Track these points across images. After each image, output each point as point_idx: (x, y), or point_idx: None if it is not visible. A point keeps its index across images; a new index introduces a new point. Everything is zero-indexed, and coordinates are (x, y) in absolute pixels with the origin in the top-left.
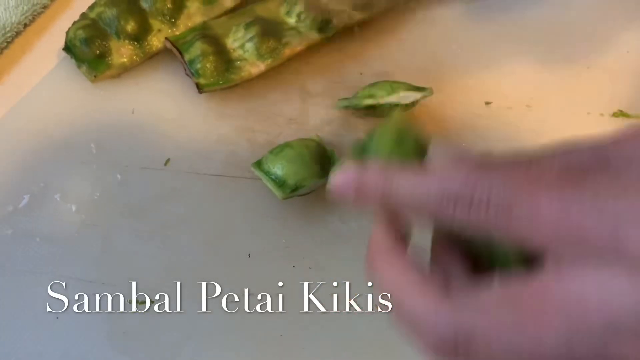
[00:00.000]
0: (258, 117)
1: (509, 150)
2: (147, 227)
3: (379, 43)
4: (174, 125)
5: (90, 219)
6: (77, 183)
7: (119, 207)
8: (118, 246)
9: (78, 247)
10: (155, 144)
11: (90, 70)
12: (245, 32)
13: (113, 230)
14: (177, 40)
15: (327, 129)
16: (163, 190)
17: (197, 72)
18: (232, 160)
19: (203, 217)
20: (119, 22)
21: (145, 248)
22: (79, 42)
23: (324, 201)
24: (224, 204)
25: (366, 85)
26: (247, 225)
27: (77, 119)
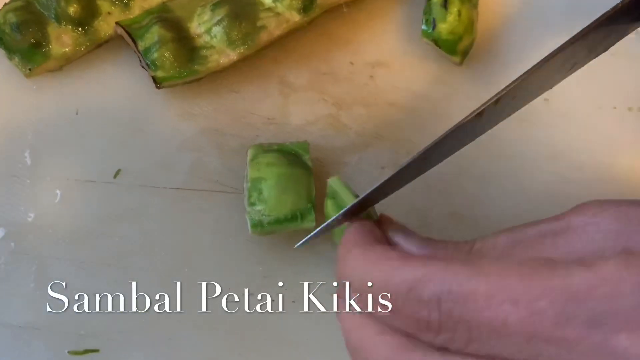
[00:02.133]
0: (229, 117)
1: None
2: (93, 256)
3: (372, 26)
4: (127, 129)
5: (22, 247)
6: (7, 202)
7: (58, 232)
8: (57, 281)
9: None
10: (104, 152)
11: (24, 63)
12: (213, 14)
13: (50, 261)
14: (130, 25)
15: (312, 130)
16: (113, 209)
17: (153, 63)
18: (198, 170)
19: (163, 241)
20: (59, 3)
21: (90, 283)
22: (9, 28)
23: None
24: (188, 223)
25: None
26: (216, 250)
27: (8, 122)
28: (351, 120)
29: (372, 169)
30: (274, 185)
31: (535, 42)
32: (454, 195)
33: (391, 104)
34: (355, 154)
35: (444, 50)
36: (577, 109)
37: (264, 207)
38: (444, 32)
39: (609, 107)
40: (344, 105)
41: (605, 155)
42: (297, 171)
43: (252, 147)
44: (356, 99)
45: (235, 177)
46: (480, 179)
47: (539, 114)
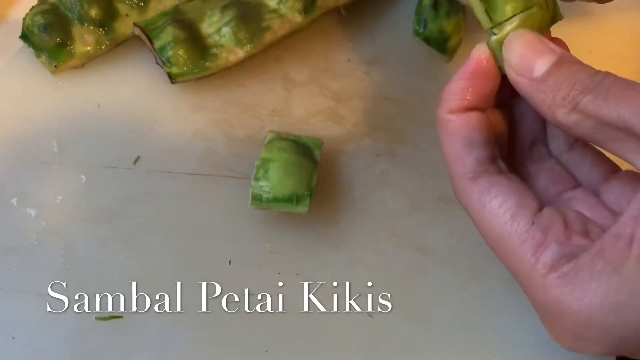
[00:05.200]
0: (237, 110)
1: None
2: (115, 233)
3: (368, 26)
4: (144, 120)
5: (52, 225)
6: (37, 186)
7: (83, 212)
8: (83, 256)
9: (38, 257)
10: (124, 141)
11: (51, 60)
12: (222, 16)
13: (77, 238)
14: (146, 25)
15: (313, 121)
16: (132, 192)
17: (168, 60)
18: (209, 158)
19: (177, 220)
20: (82, 6)
21: (112, 257)
22: (37, 29)
23: (312, 201)
24: (200, 205)
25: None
26: (227, 229)
27: (36, 114)
28: (348, 112)
29: (368, 156)
30: (280, 167)
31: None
32: (444, 179)
33: (385, 97)
34: (352, 143)
35: (434, 48)
36: None
37: (266, 184)
38: (434, 31)
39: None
40: (342, 99)
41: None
42: (304, 161)
43: (272, 132)
44: (353, 93)
45: (243, 164)
46: None
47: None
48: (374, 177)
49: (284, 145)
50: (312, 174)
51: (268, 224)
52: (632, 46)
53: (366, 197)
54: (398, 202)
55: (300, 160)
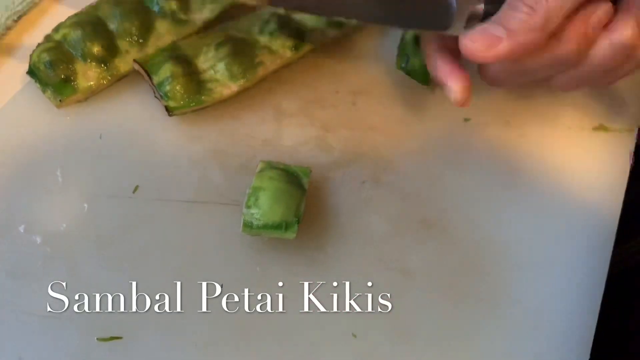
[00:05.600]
0: (231, 139)
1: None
2: (115, 259)
3: (355, 60)
4: (143, 150)
5: (56, 251)
6: (43, 213)
7: (86, 239)
8: (86, 279)
9: (43, 281)
10: (124, 171)
11: (56, 95)
12: (217, 52)
13: (80, 263)
14: (145, 61)
15: (302, 150)
16: (132, 219)
17: (166, 94)
18: (204, 186)
19: (173, 245)
20: (85, 44)
21: (113, 281)
22: (43, 66)
23: (300, 226)
24: (194, 231)
25: None
26: (218, 252)
27: (42, 145)
28: (336, 141)
29: (354, 183)
30: (270, 195)
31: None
32: (425, 204)
33: (371, 127)
34: (339, 170)
35: (416, 80)
36: (535, 130)
37: (257, 211)
38: (416, 65)
39: (563, 128)
40: (330, 128)
41: (560, 170)
42: (293, 189)
43: (263, 161)
44: (341, 123)
45: (236, 191)
46: (448, 190)
47: (500, 134)
48: (360, 203)
49: (274, 174)
50: (301, 201)
51: (259, 248)
52: None
53: (352, 222)
54: (382, 226)
55: (289, 188)
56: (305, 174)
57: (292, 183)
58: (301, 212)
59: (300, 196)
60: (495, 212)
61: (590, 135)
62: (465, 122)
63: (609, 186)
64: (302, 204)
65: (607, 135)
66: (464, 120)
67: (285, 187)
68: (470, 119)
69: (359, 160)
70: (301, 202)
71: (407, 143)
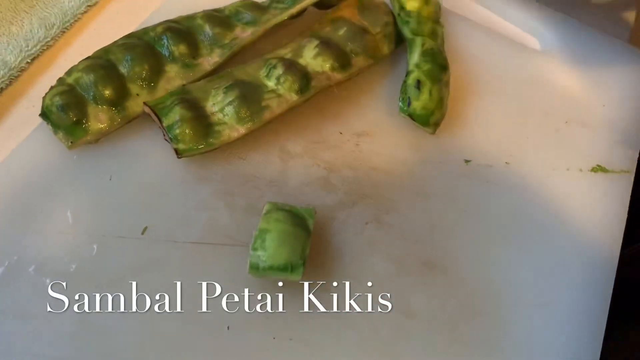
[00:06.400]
0: (237, 180)
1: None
2: (125, 300)
3: (358, 102)
4: (152, 192)
5: (66, 292)
6: (53, 254)
7: (95, 280)
8: (94, 322)
9: (53, 323)
10: (133, 212)
11: (67, 137)
12: (225, 96)
13: (89, 305)
14: (155, 105)
15: (306, 190)
16: (141, 261)
17: (176, 137)
18: (211, 227)
19: (182, 286)
20: (97, 87)
21: (122, 323)
22: (55, 109)
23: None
24: (202, 272)
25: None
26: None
27: (53, 186)
28: (340, 181)
29: (357, 223)
30: (276, 238)
31: (496, 112)
32: (427, 246)
33: (374, 168)
34: (343, 211)
35: (418, 123)
36: (535, 171)
37: (263, 253)
38: (417, 108)
39: (562, 169)
40: (334, 169)
41: (559, 211)
42: (298, 231)
43: (269, 203)
44: (344, 164)
45: (243, 232)
46: (450, 231)
47: (500, 175)
48: (363, 243)
49: (280, 216)
50: (306, 243)
51: (265, 289)
52: None
53: (355, 262)
54: (385, 267)
55: (295, 230)
56: (311, 215)
57: (297, 225)
58: (306, 254)
59: (305, 238)
60: (496, 253)
61: (588, 176)
62: (466, 163)
63: (608, 227)
64: (307, 246)
65: (606, 176)
66: (465, 162)
67: (291, 230)
68: (471, 161)
69: (362, 201)
70: (306, 243)
71: (409, 184)
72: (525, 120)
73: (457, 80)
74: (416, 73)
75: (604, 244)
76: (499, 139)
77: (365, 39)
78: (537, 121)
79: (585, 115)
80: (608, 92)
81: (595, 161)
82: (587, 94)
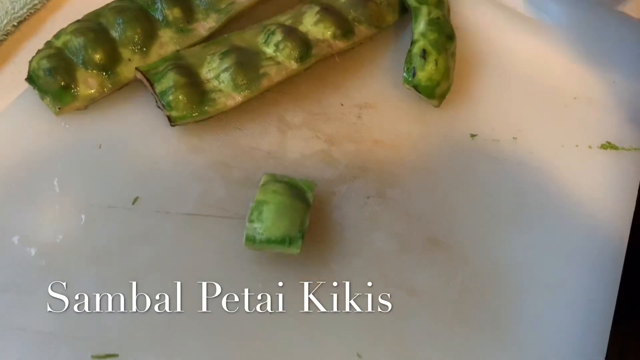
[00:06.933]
0: (234, 151)
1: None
2: (112, 273)
3: (360, 72)
4: (144, 161)
5: (51, 264)
6: (38, 224)
7: (82, 251)
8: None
9: (38, 294)
10: (123, 182)
11: (55, 102)
12: (221, 62)
13: (76, 277)
14: (148, 70)
15: (306, 163)
16: (131, 232)
17: (169, 104)
18: (206, 198)
19: (173, 259)
20: (87, 51)
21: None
22: (42, 73)
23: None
24: (195, 245)
25: None
26: (219, 268)
27: (39, 154)
28: (341, 155)
29: (359, 198)
30: (274, 209)
31: (503, 86)
32: (431, 222)
33: (376, 141)
34: (344, 185)
35: (423, 94)
36: (542, 147)
37: (260, 225)
38: (423, 79)
39: (571, 145)
40: (334, 141)
41: (568, 188)
42: (297, 203)
43: (267, 174)
44: (345, 136)
45: (238, 204)
46: (454, 207)
47: (507, 151)
48: (365, 218)
49: (278, 187)
50: (305, 216)
51: (261, 263)
52: None
53: (356, 238)
54: (387, 243)
55: (293, 202)
56: (310, 188)
57: (296, 197)
58: (305, 227)
59: (304, 211)
60: (501, 231)
61: (598, 153)
62: (472, 138)
63: (618, 204)
64: (306, 218)
65: (616, 153)
66: (471, 136)
67: (289, 202)
68: (477, 135)
69: (363, 175)
70: (305, 216)
71: (413, 158)
72: (533, 95)
73: (463, 52)
74: (422, 42)
75: (613, 222)
76: (506, 113)
77: (369, 7)
78: (545, 96)
79: (595, 92)
80: (618, 68)
81: (604, 138)
82: (597, 70)
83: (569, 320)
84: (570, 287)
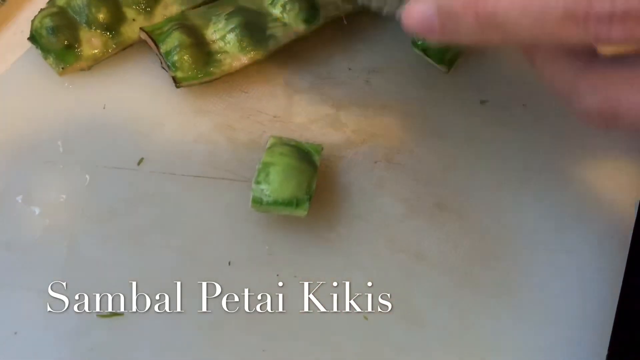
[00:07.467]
0: (239, 114)
1: None
2: (117, 232)
3: (369, 36)
4: (149, 122)
5: (55, 223)
6: (42, 184)
7: (86, 211)
8: (85, 254)
9: (41, 254)
10: (128, 143)
11: (58, 62)
12: (227, 23)
13: (80, 236)
14: (152, 30)
15: (313, 127)
16: (135, 193)
17: (174, 64)
18: (211, 160)
19: (179, 221)
20: (90, 10)
21: (114, 256)
22: (45, 32)
23: (311, 206)
24: (201, 207)
25: None
26: (227, 230)
27: (43, 114)
28: (348, 119)
29: (366, 163)
30: (281, 171)
31: (516, 53)
32: (439, 187)
33: (384, 106)
34: (351, 150)
35: (432, 59)
36: (553, 114)
37: (267, 187)
38: (432, 43)
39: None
40: (342, 106)
41: (578, 156)
42: (304, 166)
43: (273, 137)
44: (353, 101)
45: (244, 167)
46: (463, 173)
47: (517, 117)
48: (372, 183)
49: (285, 150)
50: (312, 178)
51: (268, 226)
52: None
53: (364, 202)
54: (394, 208)
55: (300, 165)
56: (317, 151)
57: (303, 160)
58: (312, 189)
59: (311, 173)
60: (511, 197)
61: None
62: (482, 104)
63: (630, 169)
64: (313, 181)
65: None
66: (481, 102)
67: (296, 164)
68: (487, 101)
69: (371, 139)
70: (312, 179)
71: (421, 124)
72: None
73: None
74: None
75: (624, 189)
76: (517, 80)
77: None
78: None
79: None
80: None
81: None
82: None
83: (578, 285)
84: (579, 252)
